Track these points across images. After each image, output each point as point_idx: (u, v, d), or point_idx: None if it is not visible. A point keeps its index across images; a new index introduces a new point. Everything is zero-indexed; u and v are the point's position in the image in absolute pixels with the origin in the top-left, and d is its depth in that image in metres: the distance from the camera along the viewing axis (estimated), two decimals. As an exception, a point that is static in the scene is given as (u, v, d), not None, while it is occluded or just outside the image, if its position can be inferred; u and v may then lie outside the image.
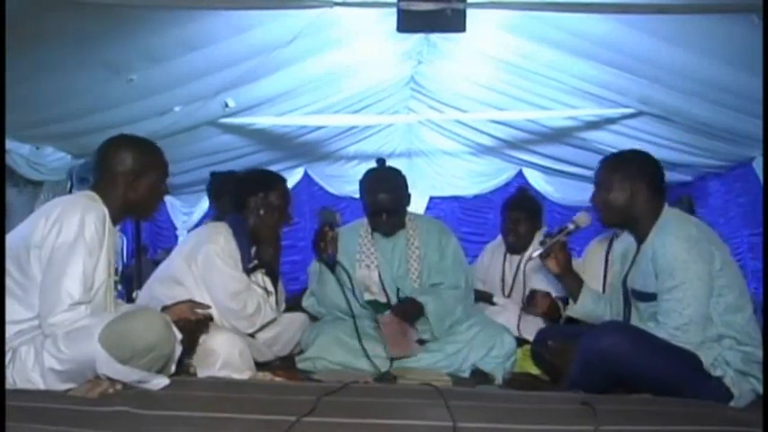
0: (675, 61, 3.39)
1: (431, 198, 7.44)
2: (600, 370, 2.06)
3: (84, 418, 1.63)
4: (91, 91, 3.52)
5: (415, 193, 6.63)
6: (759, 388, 2.07)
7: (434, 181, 7.27)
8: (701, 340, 2.07)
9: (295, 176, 7.01)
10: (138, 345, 1.84)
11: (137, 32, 2.96)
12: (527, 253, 3.21)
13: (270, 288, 2.72)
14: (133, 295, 4.22)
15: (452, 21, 2.62)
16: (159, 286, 2.60)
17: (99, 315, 1.92)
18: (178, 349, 2.02)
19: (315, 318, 2.97)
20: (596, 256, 3.13)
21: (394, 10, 2.67)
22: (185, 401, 1.78)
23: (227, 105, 4.32)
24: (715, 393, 2.01)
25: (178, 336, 2.00)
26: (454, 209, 7.54)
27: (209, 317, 2.34)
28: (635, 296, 2.29)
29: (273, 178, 2.77)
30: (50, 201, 2.10)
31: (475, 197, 7.42)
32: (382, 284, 2.90)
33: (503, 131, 5.73)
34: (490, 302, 3.32)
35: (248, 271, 2.64)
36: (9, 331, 1.88)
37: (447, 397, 1.80)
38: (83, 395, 1.78)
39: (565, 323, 2.74)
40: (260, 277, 2.70)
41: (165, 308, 2.29)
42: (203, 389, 1.95)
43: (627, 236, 2.38)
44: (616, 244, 2.44)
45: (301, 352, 2.78)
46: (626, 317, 2.34)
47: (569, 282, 2.51)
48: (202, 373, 2.26)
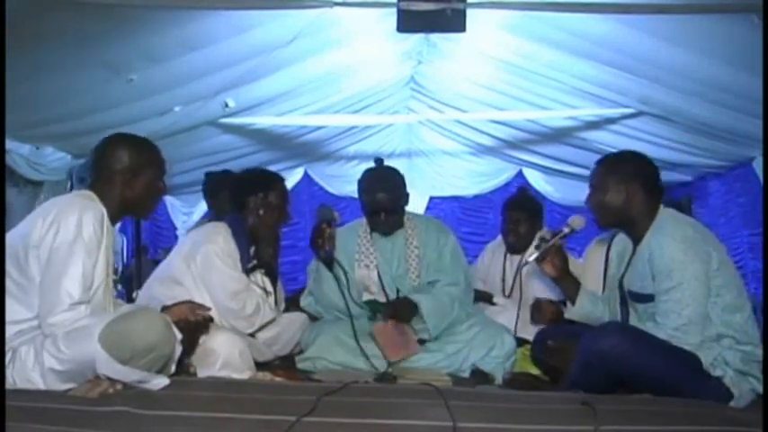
0: (675, 61, 3.39)
1: (431, 198, 7.44)
2: (599, 370, 2.06)
3: (84, 418, 1.63)
4: (91, 91, 3.52)
5: (415, 193, 6.65)
6: (759, 387, 2.07)
7: (434, 181, 7.27)
8: (701, 340, 2.07)
9: (295, 176, 7.01)
10: (138, 345, 1.84)
11: (137, 32, 2.96)
12: (526, 254, 3.21)
13: (269, 288, 2.72)
14: (133, 295, 4.22)
15: (452, 21, 2.62)
16: (159, 286, 2.59)
17: (99, 315, 1.92)
18: (178, 349, 2.02)
19: (314, 317, 2.97)
20: (597, 257, 3.12)
21: (394, 10, 2.67)
22: (185, 401, 1.78)
23: (227, 105, 4.32)
24: (715, 393, 2.01)
25: (178, 336, 2.00)
26: (454, 209, 7.55)
27: (208, 318, 2.34)
28: (632, 297, 2.28)
29: (272, 178, 2.77)
30: (48, 200, 2.10)
31: (475, 197, 7.42)
32: (381, 284, 2.90)
33: (503, 131, 5.73)
34: (490, 302, 3.33)
35: (247, 271, 2.64)
36: (9, 331, 1.87)
37: (447, 397, 1.80)
38: (83, 395, 1.78)
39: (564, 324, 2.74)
40: (259, 277, 2.70)
41: (165, 308, 2.29)
42: (203, 389, 1.95)
43: (623, 237, 2.38)
44: (613, 245, 2.43)
45: (301, 352, 2.78)
46: (624, 318, 2.34)
47: (566, 284, 2.51)
48: (202, 373, 2.26)
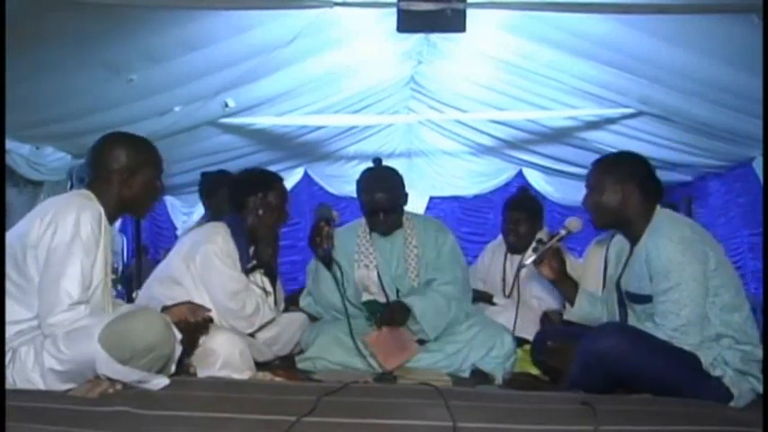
0: (675, 61, 3.39)
1: (431, 198, 7.44)
2: (599, 371, 2.06)
3: (84, 418, 1.63)
4: (91, 91, 3.52)
5: (415, 193, 6.67)
6: (759, 387, 2.07)
7: (434, 181, 7.27)
8: (700, 340, 2.07)
9: (295, 176, 7.01)
10: (138, 345, 1.84)
11: (137, 32, 2.96)
12: (523, 257, 3.21)
13: (268, 288, 2.72)
14: (133, 295, 4.22)
15: (452, 21, 2.62)
16: (158, 286, 2.59)
17: (98, 315, 1.92)
18: (178, 349, 2.02)
19: (314, 318, 2.97)
20: (596, 258, 3.12)
21: (394, 10, 2.67)
22: (185, 401, 1.78)
23: (227, 105, 4.32)
24: (714, 393, 2.01)
25: (178, 336, 2.00)
26: (454, 209, 7.55)
27: (208, 319, 2.34)
28: (629, 298, 2.28)
29: (272, 178, 2.77)
30: (45, 200, 2.10)
31: (475, 197, 7.43)
32: (381, 284, 2.90)
33: (503, 131, 5.73)
34: (490, 303, 3.33)
35: (247, 271, 2.64)
36: (8, 332, 1.87)
37: (447, 397, 1.80)
38: (83, 395, 1.78)
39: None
40: (258, 277, 2.70)
41: (166, 308, 2.29)
42: (203, 389, 1.95)
43: (621, 237, 2.38)
44: (611, 245, 2.43)
45: (301, 352, 2.78)
46: (622, 318, 2.34)
47: (564, 286, 2.50)
48: (202, 373, 2.26)
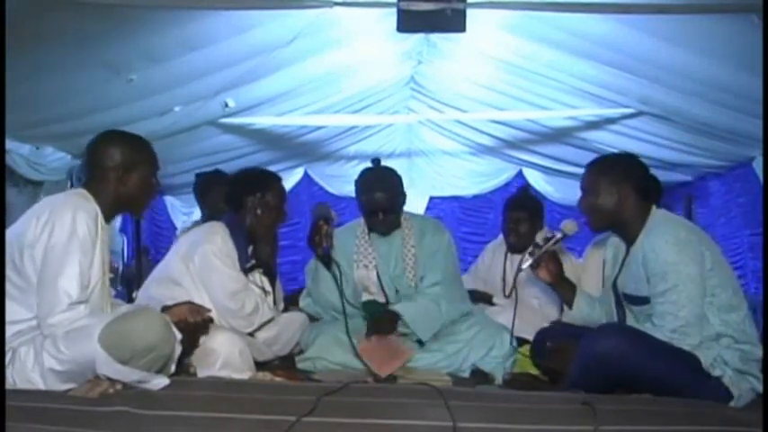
0: (675, 61, 3.39)
1: (431, 198, 7.43)
2: (599, 372, 2.06)
3: (84, 418, 1.63)
4: (91, 91, 3.52)
5: (415, 193, 6.67)
6: (758, 387, 2.07)
7: (434, 181, 7.26)
8: (700, 340, 2.07)
9: (295, 176, 7.01)
10: (138, 345, 1.84)
11: (137, 32, 2.96)
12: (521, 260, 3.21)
13: (267, 287, 2.72)
14: (133, 295, 4.22)
15: (452, 21, 2.62)
16: (157, 286, 2.59)
17: (98, 315, 1.92)
18: (178, 349, 2.02)
19: (314, 318, 2.97)
20: (594, 259, 3.12)
21: (394, 10, 2.66)
22: (185, 401, 1.78)
23: (227, 105, 4.31)
24: (714, 393, 2.01)
25: (178, 336, 2.00)
26: (454, 209, 7.54)
27: (208, 319, 2.34)
28: (627, 300, 2.28)
29: (270, 178, 2.77)
30: (42, 200, 2.10)
31: (475, 197, 7.42)
32: (381, 284, 2.90)
33: (503, 131, 5.72)
34: (490, 303, 3.33)
35: (246, 270, 2.64)
36: (8, 332, 1.88)
37: (447, 397, 1.80)
38: (83, 395, 1.78)
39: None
40: (257, 277, 2.70)
41: (166, 308, 2.29)
42: (203, 389, 1.95)
43: (616, 238, 2.37)
44: (608, 245, 2.43)
45: (301, 352, 2.78)
46: (620, 319, 2.33)
47: (562, 289, 2.50)
48: (202, 373, 2.26)
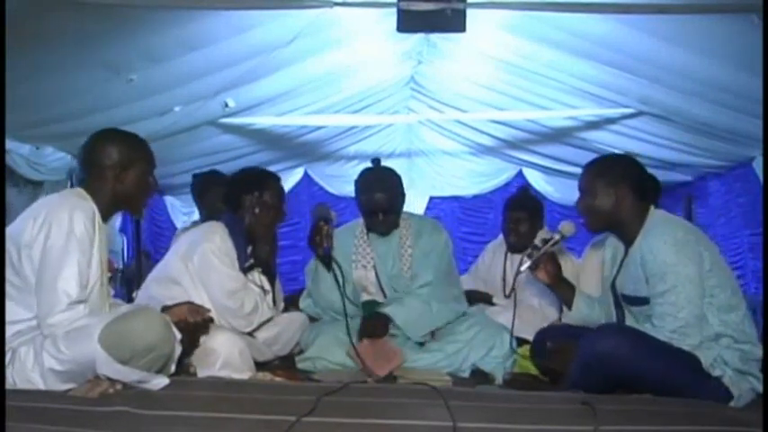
0: (675, 61, 3.39)
1: (431, 198, 7.42)
2: (599, 372, 2.06)
3: (84, 418, 1.63)
4: (91, 91, 3.51)
5: (415, 193, 6.67)
6: (758, 386, 2.07)
7: (434, 181, 7.26)
8: (700, 341, 2.07)
9: (295, 176, 7.00)
10: (138, 345, 1.84)
11: (137, 32, 2.95)
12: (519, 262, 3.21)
13: (267, 287, 2.72)
14: (133, 295, 4.22)
15: (452, 21, 2.61)
16: (156, 286, 2.60)
17: (98, 315, 1.92)
18: (178, 349, 2.02)
19: (314, 318, 2.97)
20: (594, 259, 3.12)
21: (394, 10, 2.66)
22: (185, 401, 1.78)
23: (227, 105, 4.31)
24: (714, 393, 2.01)
25: (178, 336, 2.00)
26: (454, 209, 7.53)
27: (208, 319, 2.34)
28: (626, 301, 2.28)
29: (267, 177, 2.77)
30: (38, 200, 2.10)
31: (475, 197, 7.41)
32: (380, 284, 2.90)
33: (503, 131, 5.72)
34: (490, 303, 3.33)
35: (245, 270, 2.64)
36: (7, 332, 1.88)
37: (447, 397, 1.80)
38: (83, 395, 1.78)
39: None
40: (257, 276, 2.71)
41: (166, 308, 2.29)
42: (203, 389, 1.95)
43: (615, 239, 2.37)
44: (607, 245, 2.43)
45: (301, 352, 2.78)
46: (619, 319, 2.33)
47: (561, 290, 2.50)
48: (202, 373, 2.26)
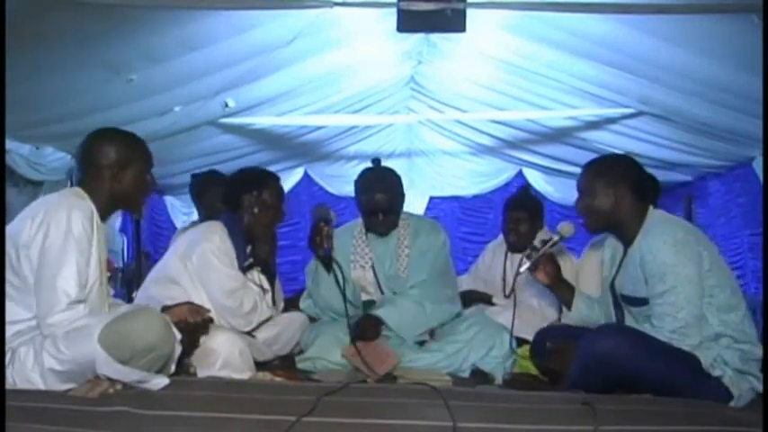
0: (675, 61, 3.39)
1: (431, 198, 7.42)
2: (599, 372, 2.06)
3: (84, 418, 1.63)
4: (91, 91, 3.51)
5: (415, 193, 6.67)
6: (758, 386, 2.07)
7: (434, 181, 7.26)
8: (699, 341, 2.07)
9: (295, 176, 7.00)
10: (138, 345, 1.84)
11: (137, 32, 2.95)
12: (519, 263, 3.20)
13: (266, 286, 2.72)
14: (132, 295, 4.22)
15: (452, 21, 2.61)
16: (155, 286, 2.60)
17: (98, 315, 1.92)
18: (178, 349, 2.02)
19: (314, 318, 2.97)
20: (593, 259, 3.12)
21: (394, 10, 2.66)
22: (185, 401, 1.78)
23: (227, 105, 4.31)
24: (714, 393, 2.02)
25: (178, 336, 2.00)
26: (454, 209, 7.53)
27: (208, 320, 2.34)
28: (625, 301, 2.28)
29: (266, 176, 2.77)
30: (36, 200, 2.10)
31: (475, 197, 7.41)
32: (378, 285, 2.90)
33: (503, 131, 5.72)
34: (490, 303, 3.33)
35: (244, 269, 2.64)
36: (7, 332, 1.88)
37: (447, 397, 1.80)
38: (83, 395, 1.78)
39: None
40: (256, 275, 2.71)
41: (166, 308, 2.29)
42: (203, 389, 1.95)
43: (614, 239, 2.37)
44: (606, 246, 2.43)
45: (301, 352, 2.78)
46: (619, 320, 2.33)
47: (561, 291, 2.50)
48: (202, 373, 2.26)
